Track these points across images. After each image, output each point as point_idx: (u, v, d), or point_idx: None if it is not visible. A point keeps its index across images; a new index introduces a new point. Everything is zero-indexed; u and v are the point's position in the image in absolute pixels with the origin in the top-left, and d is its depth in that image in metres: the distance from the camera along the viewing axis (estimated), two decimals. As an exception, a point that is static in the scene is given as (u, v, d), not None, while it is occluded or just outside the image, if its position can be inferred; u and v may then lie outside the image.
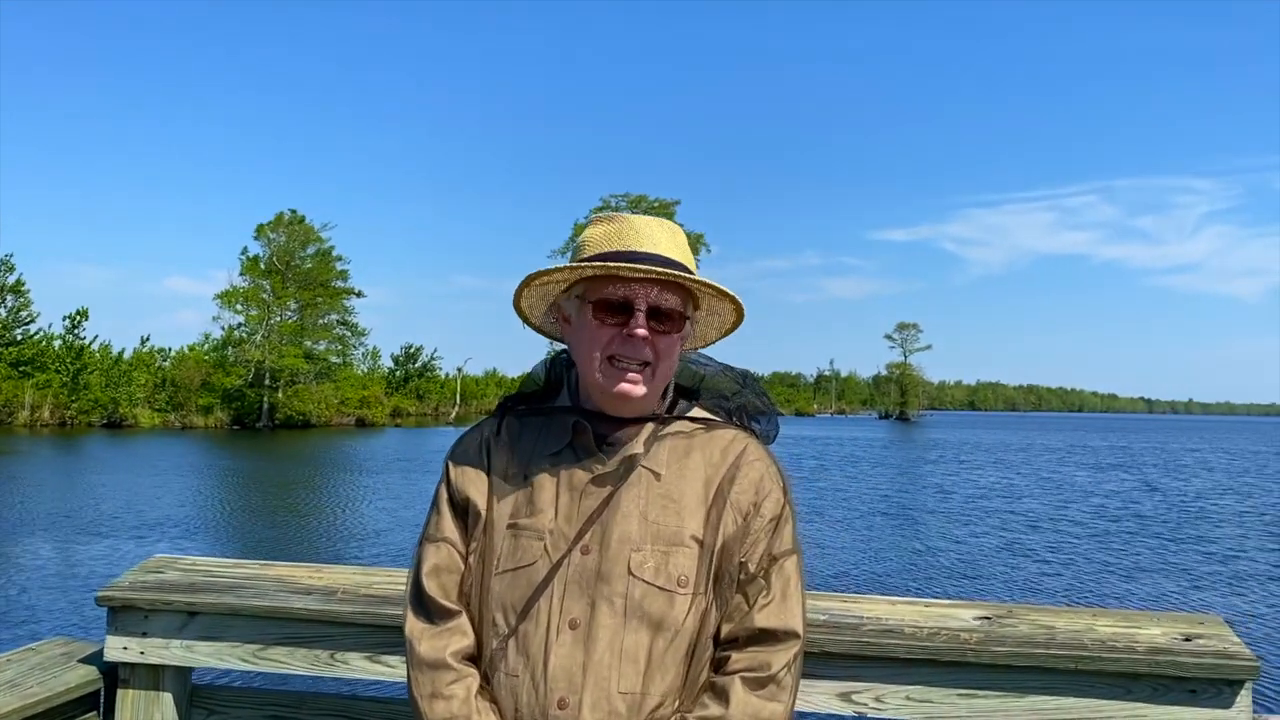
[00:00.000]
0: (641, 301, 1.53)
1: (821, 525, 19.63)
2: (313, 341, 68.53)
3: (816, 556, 15.57)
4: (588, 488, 1.55)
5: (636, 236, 1.57)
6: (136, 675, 2.26)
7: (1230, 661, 1.84)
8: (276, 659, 2.20)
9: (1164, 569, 15.46)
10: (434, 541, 1.62)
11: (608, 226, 1.60)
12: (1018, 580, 14.23)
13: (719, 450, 1.62)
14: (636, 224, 1.59)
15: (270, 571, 2.35)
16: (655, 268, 1.51)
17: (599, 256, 1.56)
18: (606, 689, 1.47)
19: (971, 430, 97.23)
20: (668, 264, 1.54)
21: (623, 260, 1.53)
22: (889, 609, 2.08)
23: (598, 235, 1.60)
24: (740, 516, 1.57)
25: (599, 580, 1.50)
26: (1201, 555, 16.89)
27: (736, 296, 1.60)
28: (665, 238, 1.59)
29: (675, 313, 1.56)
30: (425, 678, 1.54)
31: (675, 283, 1.55)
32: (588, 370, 1.57)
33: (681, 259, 1.59)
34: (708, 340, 1.76)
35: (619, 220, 1.60)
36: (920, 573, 14.60)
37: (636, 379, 1.54)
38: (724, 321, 1.71)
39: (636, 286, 1.53)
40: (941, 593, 12.93)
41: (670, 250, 1.58)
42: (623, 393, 1.54)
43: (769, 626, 1.54)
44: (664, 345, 1.55)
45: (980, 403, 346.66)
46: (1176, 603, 12.89)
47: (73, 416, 56.23)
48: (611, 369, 1.54)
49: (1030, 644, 1.92)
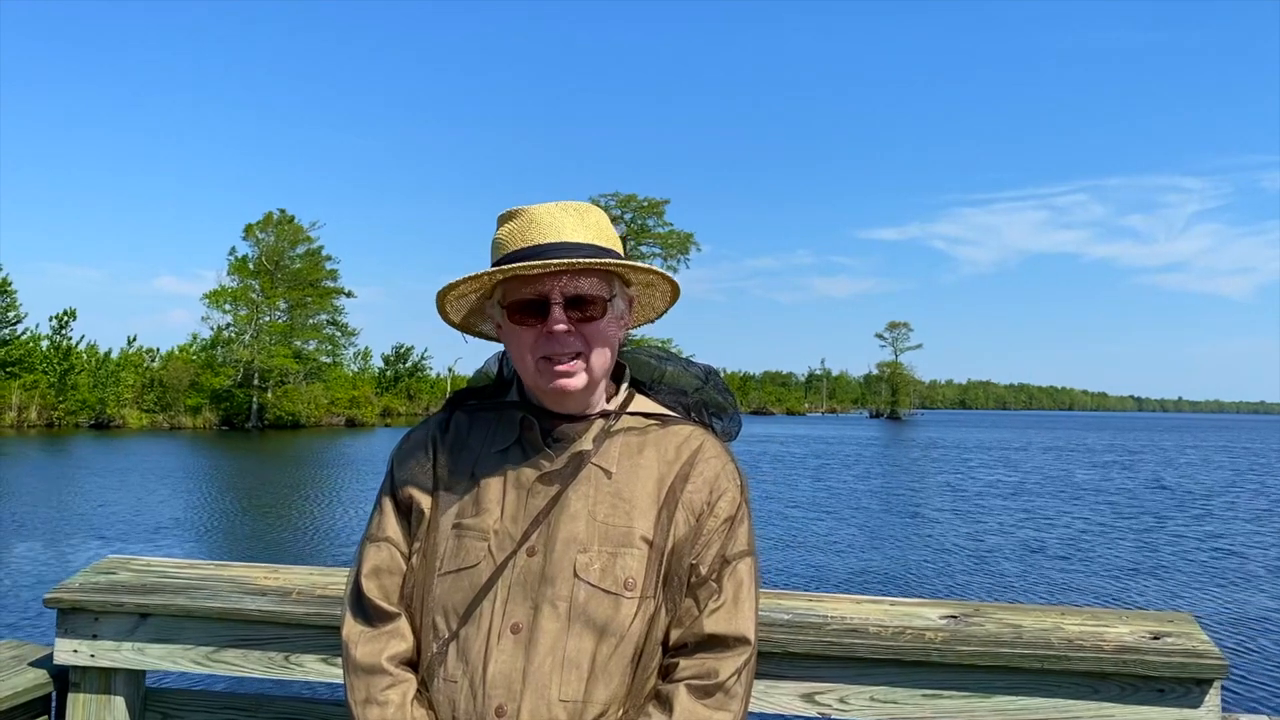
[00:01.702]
0: (556, 295, 1.46)
1: (801, 524, 19.61)
2: (302, 341, 68.30)
3: (793, 556, 15.56)
4: (535, 486, 1.50)
5: (539, 229, 1.50)
6: (87, 679, 2.21)
7: (1199, 660, 1.80)
8: (230, 661, 2.16)
9: (1138, 566, 15.48)
10: (375, 541, 1.57)
11: (512, 225, 1.53)
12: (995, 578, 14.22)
13: (673, 447, 1.56)
14: (538, 215, 1.52)
15: (225, 572, 2.30)
16: (554, 260, 1.44)
17: (506, 257, 1.50)
18: (547, 696, 1.41)
19: (962, 429, 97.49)
20: (574, 250, 1.48)
21: (527, 257, 1.47)
22: (854, 608, 2.04)
23: (504, 234, 1.53)
24: (693, 516, 1.51)
25: (543, 583, 1.45)
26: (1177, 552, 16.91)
27: (653, 267, 1.54)
28: (571, 222, 1.51)
29: (595, 297, 1.49)
30: (360, 682, 1.50)
31: (588, 268, 1.48)
32: (524, 373, 1.52)
33: (594, 239, 1.51)
34: (656, 310, 1.69)
35: (521, 215, 1.53)
36: (896, 572, 14.57)
37: (571, 370, 1.48)
38: (664, 293, 1.64)
39: (547, 279, 1.47)
40: (918, 591, 12.90)
41: (577, 234, 1.50)
42: (560, 388, 1.48)
43: (718, 632, 1.48)
44: (591, 332, 1.49)
45: (971, 401, 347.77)
46: (1149, 600, 12.89)
47: (60, 417, 55.88)
48: (545, 366, 1.48)
49: (996, 643, 1.88)
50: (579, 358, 1.49)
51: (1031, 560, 15.79)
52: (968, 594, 12.92)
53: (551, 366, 1.48)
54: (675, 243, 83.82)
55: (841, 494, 26.34)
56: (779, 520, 19.87)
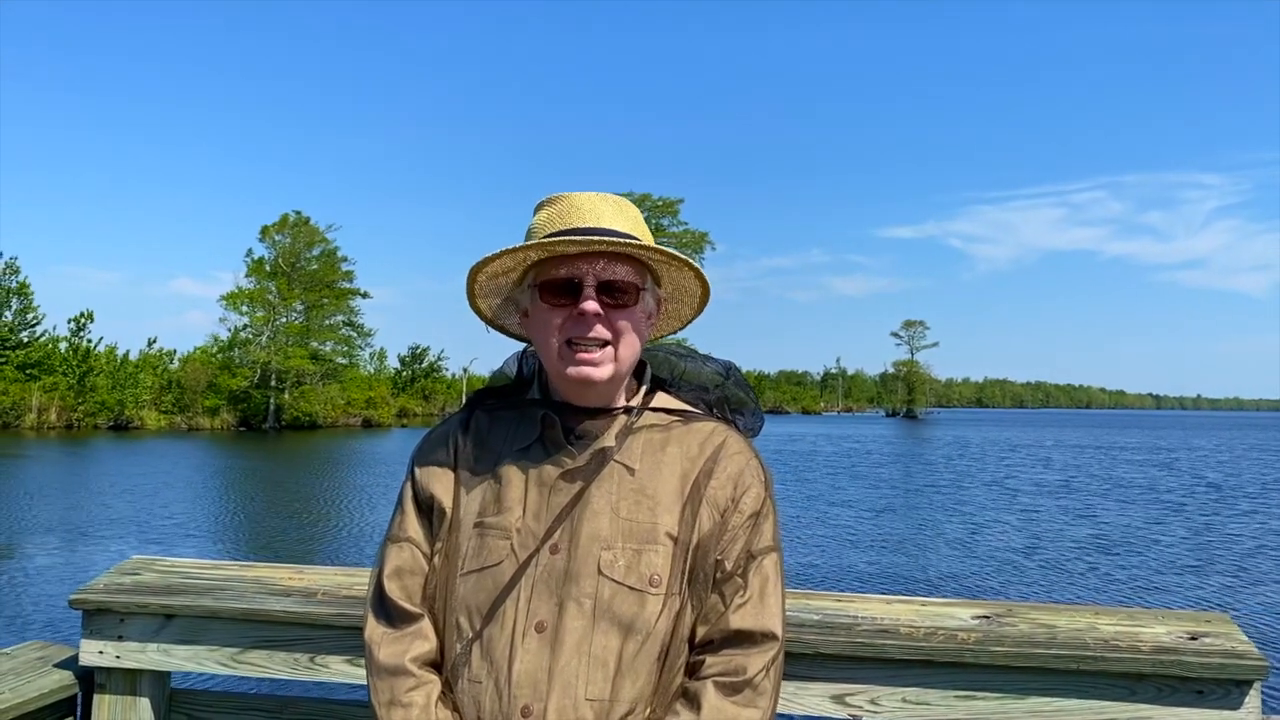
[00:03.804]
0: (589, 277, 1.45)
1: (821, 524, 19.55)
2: (319, 342, 68.59)
3: (817, 555, 15.50)
4: (557, 483, 1.48)
5: (579, 213, 1.49)
6: (113, 680, 2.21)
7: (1238, 661, 1.77)
8: (255, 662, 2.15)
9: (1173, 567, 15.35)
10: (397, 542, 1.56)
11: (551, 209, 1.52)
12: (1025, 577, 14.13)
13: (697, 443, 1.54)
14: (579, 201, 1.51)
15: (249, 573, 2.29)
16: (595, 237, 1.43)
17: (543, 238, 1.49)
18: (573, 695, 1.39)
19: (980, 428, 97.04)
20: (613, 235, 1.46)
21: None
22: (885, 608, 2.01)
23: (542, 219, 1.52)
24: (718, 512, 1.49)
25: (567, 580, 1.43)
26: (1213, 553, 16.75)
27: (692, 262, 1.51)
28: (610, 211, 1.51)
29: (628, 284, 1.47)
30: (384, 684, 1.48)
31: (625, 254, 1.47)
32: (548, 358, 1.50)
33: (630, 231, 1.50)
34: (683, 318, 1.67)
35: (561, 200, 1.52)
36: (922, 571, 14.50)
37: (596, 359, 1.46)
38: (693, 297, 1.62)
39: (582, 262, 1.45)
40: (946, 591, 12.82)
41: (616, 222, 1.50)
42: (583, 375, 1.46)
43: (746, 628, 1.46)
44: (621, 320, 1.47)
45: (988, 400, 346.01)
46: (1182, 601, 12.78)
47: (79, 419, 56.31)
48: (569, 351, 1.46)
49: (1030, 644, 1.85)
50: (605, 347, 1.46)
51: (1063, 559, 15.68)
52: (998, 594, 12.83)
53: (575, 352, 1.46)
54: (690, 242, 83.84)
55: (863, 493, 26.24)
56: (802, 520, 19.81)
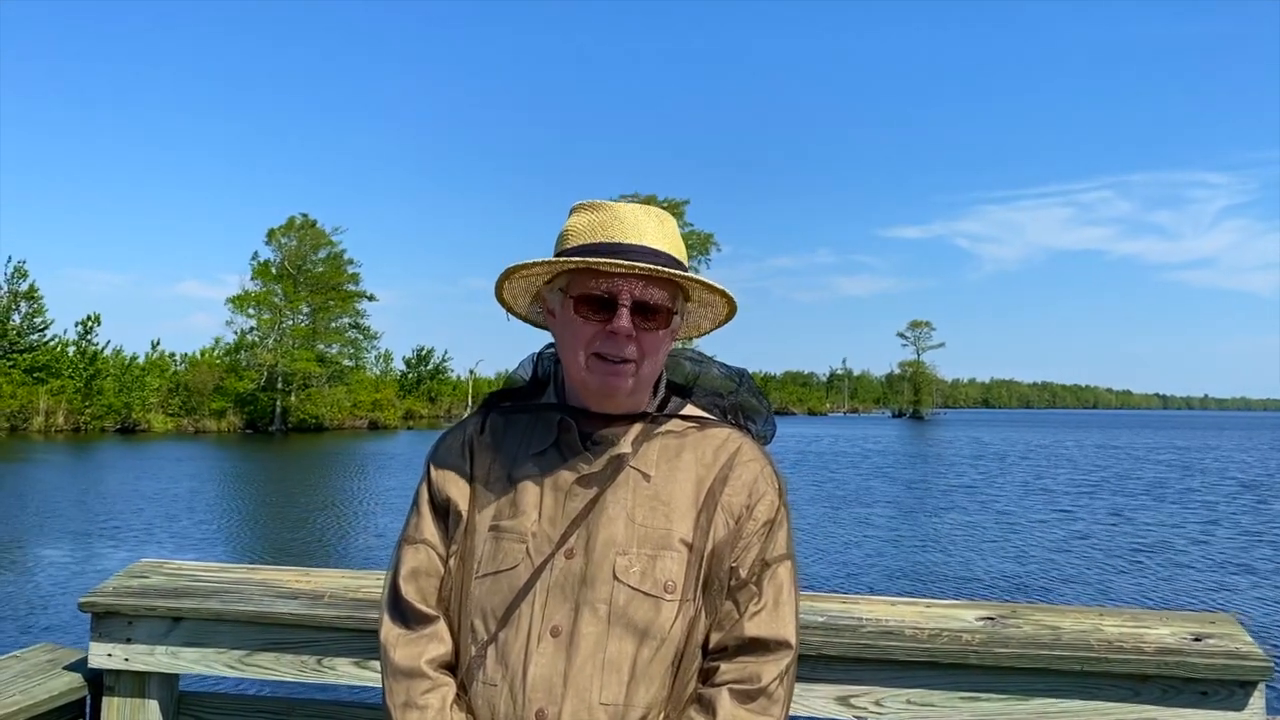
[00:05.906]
0: (625, 297, 1.45)
1: (828, 526, 19.53)
2: (325, 345, 68.67)
3: (818, 558, 15.48)
4: (573, 488, 1.49)
5: (621, 227, 1.48)
6: (121, 682, 2.22)
7: (1242, 662, 1.77)
8: (263, 665, 2.16)
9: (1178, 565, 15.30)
10: (413, 544, 1.56)
11: (591, 215, 1.51)
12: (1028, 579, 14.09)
13: (711, 450, 1.54)
14: (622, 213, 1.50)
15: (256, 575, 2.30)
16: (639, 264, 1.43)
17: (582, 249, 1.48)
18: (588, 700, 1.40)
19: (987, 429, 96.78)
20: (654, 257, 1.47)
21: (606, 253, 1.45)
22: (889, 610, 2.02)
23: (581, 225, 1.51)
24: (732, 519, 1.50)
25: (583, 585, 1.44)
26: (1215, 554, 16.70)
27: (727, 291, 1.52)
28: (653, 227, 1.50)
29: (662, 308, 1.48)
30: (400, 686, 1.49)
31: (662, 277, 1.48)
32: (572, 366, 1.51)
33: (670, 250, 1.51)
34: (701, 330, 1.69)
35: (604, 209, 1.51)
36: (927, 573, 14.48)
37: (622, 374, 1.47)
38: (717, 313, 1.63)
39: (620, 281, 1.45)
40: (951, 593, 12.80)
41: (658, 241, 1.49)
42: (608, 389, 1.47)
43: (760, 635, 1.47)
44: (649, 342, 1.48)
45: (994, 400, 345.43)
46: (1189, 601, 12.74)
47: (86, 422, 56.46)
48: (597, 364, 1.47)
49: (1035, 645, 1.86)
50: (631, 364, 1.47)
51: (1066, 561, 15.63)
52: (1002, 596, 12.81)
53: (603, 364, 1.47)
54: (695, 243, 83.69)
55: (869, 495, 26.21)
56: (808, 521, 19.80)
